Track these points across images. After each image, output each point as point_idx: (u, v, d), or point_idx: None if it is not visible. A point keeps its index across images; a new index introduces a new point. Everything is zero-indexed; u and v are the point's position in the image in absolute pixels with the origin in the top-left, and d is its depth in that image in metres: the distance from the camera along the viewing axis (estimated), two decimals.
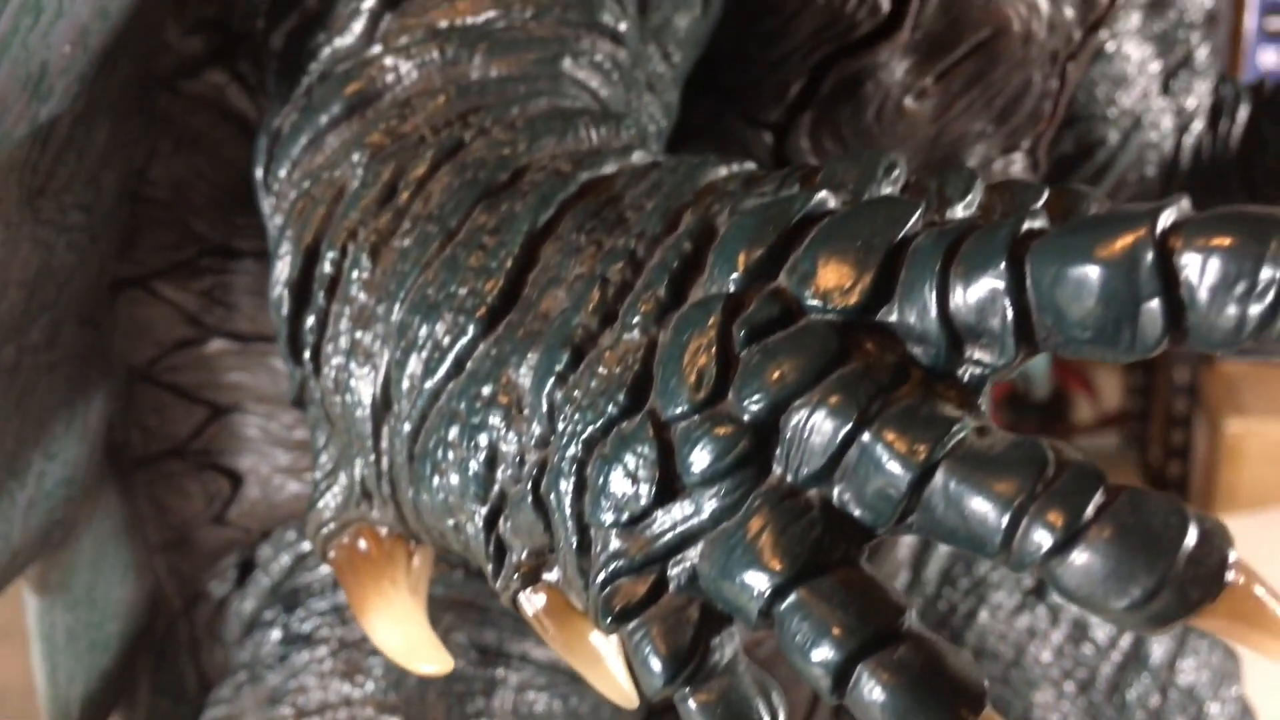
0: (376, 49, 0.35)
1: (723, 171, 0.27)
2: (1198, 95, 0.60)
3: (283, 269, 0.32)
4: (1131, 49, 0.58)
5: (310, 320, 0.31)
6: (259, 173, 0.37)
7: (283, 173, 0.34)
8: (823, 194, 0.23)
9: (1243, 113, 0.60)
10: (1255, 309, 0.18)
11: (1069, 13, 0.43)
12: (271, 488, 0.49)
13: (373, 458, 0.29)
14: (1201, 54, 0.59)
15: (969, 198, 0.24)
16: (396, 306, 0.28)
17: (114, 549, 0.51)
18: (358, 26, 0.35)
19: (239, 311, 0.46)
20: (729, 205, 0.25)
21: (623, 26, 0.35)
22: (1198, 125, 0.60)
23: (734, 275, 0.23)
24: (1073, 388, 2.26)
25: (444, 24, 0.34)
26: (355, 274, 0.30)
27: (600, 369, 0.24)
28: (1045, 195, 0.23)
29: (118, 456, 0.49)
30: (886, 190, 0.24)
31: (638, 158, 0.29)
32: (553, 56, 0.33)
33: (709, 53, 0.41)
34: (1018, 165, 0.47)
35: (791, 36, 0.41)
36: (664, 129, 0.38)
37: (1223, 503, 1.81)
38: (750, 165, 0.28)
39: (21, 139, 0.36)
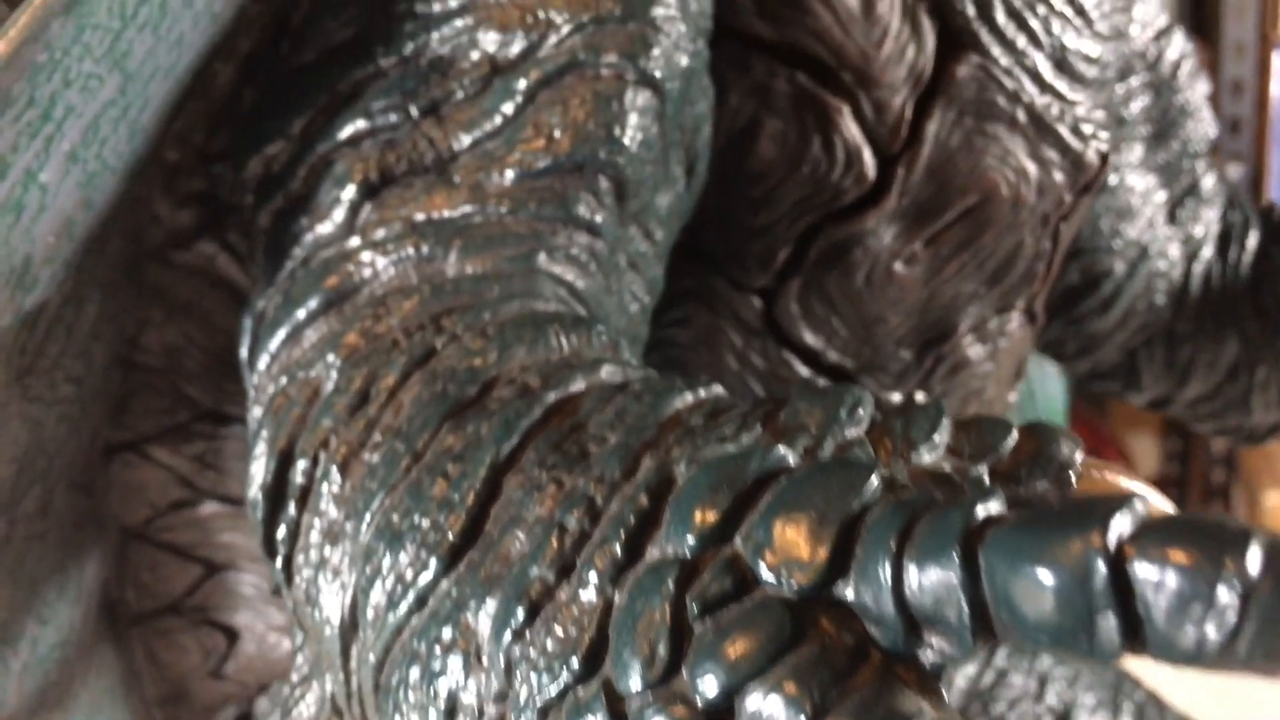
0: (355, 241, 0.35)
1: (689, 399, 0.27)
2: (1205, 222, 0.59)
3: (258, 471, 0.32)
4: (1135, 181, 0.57)
5: (282, 530, 0.31)
6: (244, 352, 0.37)
7: (262, 364, 0.35)
8: (780, 451, 0.23)
9: (1252, 239, 0.59)
10: (1214, 633, 0.17)
11: (1059, 176, 0.43)
12: (268, 645, 0.49)
13: (342, 676, 0.29)
14: (1207, 182, 0.59)
15: (935, 439, 0.23)
16: (364, 528, 0.28)
17: (111, 705, 0.50)
18: (338, 215, 0.35)
19: (230, 476, 0.46)
20: (688, 450, 0.24)
21: (599, 218, 0.35)
22: (1206, 252, 0.59)
23: (689, 538, 0.22)
24: (1106, 456, 2.23)
25: (420, 217, 0.34)
26: (326, 487, 0.30)
27: (556, 628, 0.23)
28: (1013, 437, 0.23)
29: (113, 614, 0.49)
30: (851, 432, 0.24)
31: (607, 373, 0.29)
32: (528, 253, 0.33)
33: (694, 218, 0.41)
34: (1014, 323, 0.47)
35: (777, 204, 0.41)
36: (648, 305, 0.38)
37: None
38: (716, 390, 0.27)
39: (6, 329, 0.37)
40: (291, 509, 0.31)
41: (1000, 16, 0.41)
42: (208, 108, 0.41)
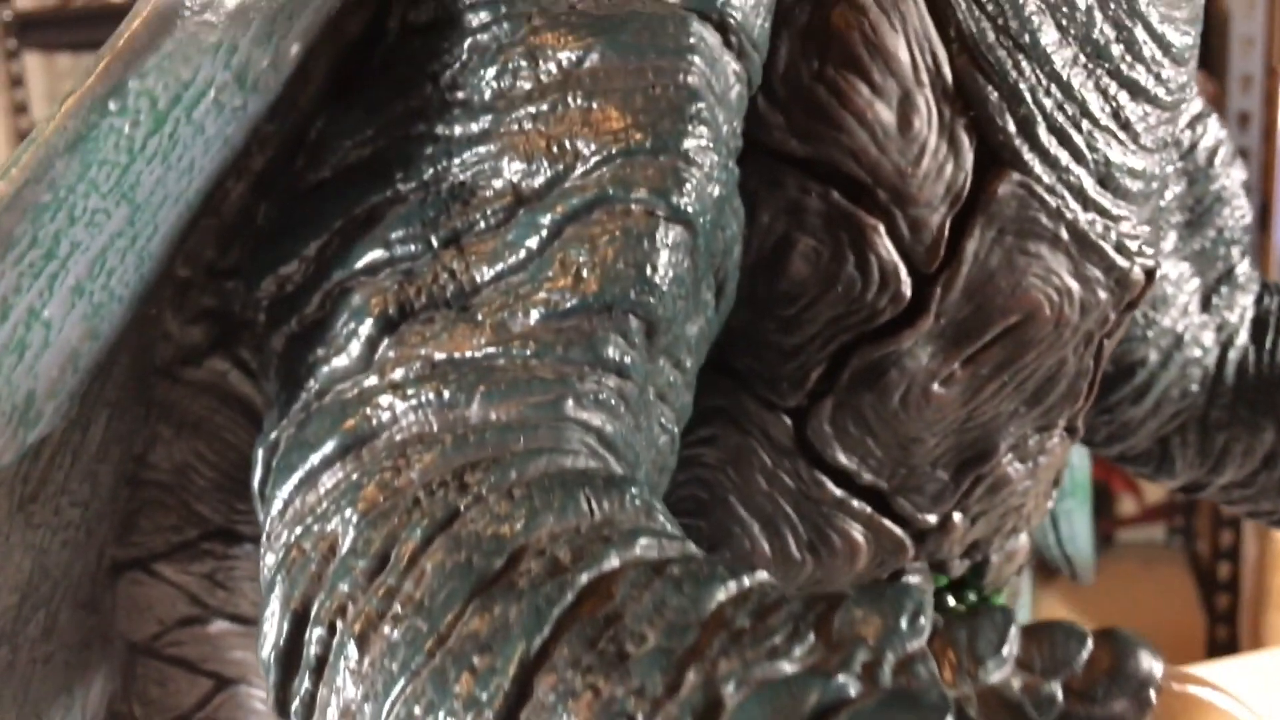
0: (373, 380, 0.33)
1: (732, 589, 0.25)
2: (1240, 308, 0.57)
3: (270, 631, 0.31)
4: (1169, 268, 0.55)
5: (297, 701, 0.29)
6: (255, 484, 0.35)
7: (275, 507, 0.33)
8: (839, 681, 0.21)
9: None
10: None
11: (1103, 294, 0.41)
12: None
13: None
14: (1242, 267, 0.57)
15: (1003, 652, 0.22)
16: (384, 715, 0.27)
17: None
18: (355, 349, 0.34)
19: (241, 595, 0.44)
20: (737, 666, 0.23)
21: (628, 359, 0.33)
22: (1241, 339, 0.57)
23: None
24: (1116, 487, 2.22)
25: (441, 356, 0.33)
26: (343, 662, 0.28)
27: None
28: (1088, 648, 0.21)
29: None
30: (913, 644, 0.22)
31: (643, 547, 0.27)
32: (554, 400, 0.32)
33: (723, 335, 0.39)
34: (1055, 439, 0.45)
35: (810, 323, 0.39)
36: (676, 435, 0.37)
37: (1276, 606, 1.76)
38: (760, 579, 0.26)
39: (8, 464, 0.35)
40: (307, 680, 0.29)
41: (1043, 133, 0.40)
42: (219, 224, 0.39)
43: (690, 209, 0.34)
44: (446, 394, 0.32)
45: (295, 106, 0.37)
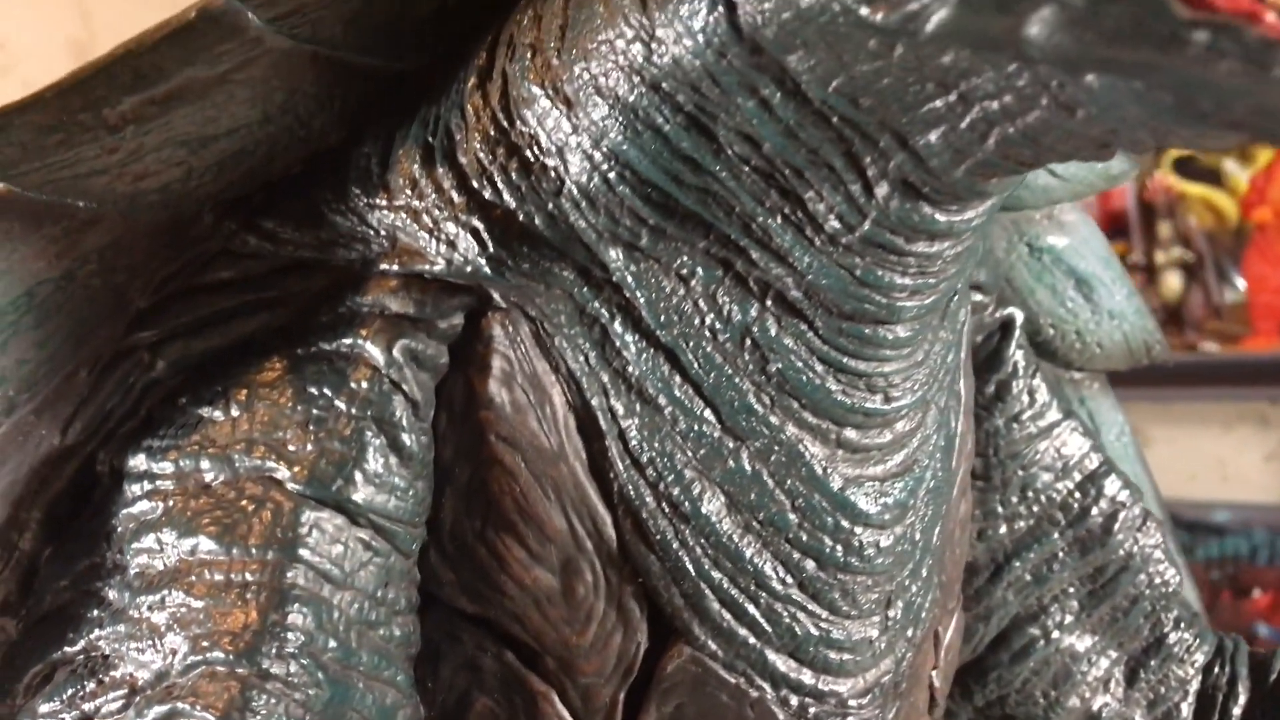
0: None
1: None
2: (1177, 682, 0.49)
3: None
4: (1070, 640, 0.49)
5: None
6: None
7: None
8: None
9: (1240, 701, 0.48)
10: None
11: None
12: None
13: None
14: (1175, 636, 0.50)
15: None
16: None
17: None
18: None
19: None
20: None
21: None
22: (1183, 716, 0.49)
23: None
24: None
25: None
26: None
27: None
28: None
29: None
30: None
31: None
32: None
33: None
34: None
35: None
36: None
37: None
38: None
39: None
40: None
41: (714, 606, 0.37)
42: None
43: None
44: None
45: (16, 548, 0.38)
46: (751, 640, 0.37)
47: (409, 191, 0.37)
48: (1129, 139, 0.29)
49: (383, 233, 0.37)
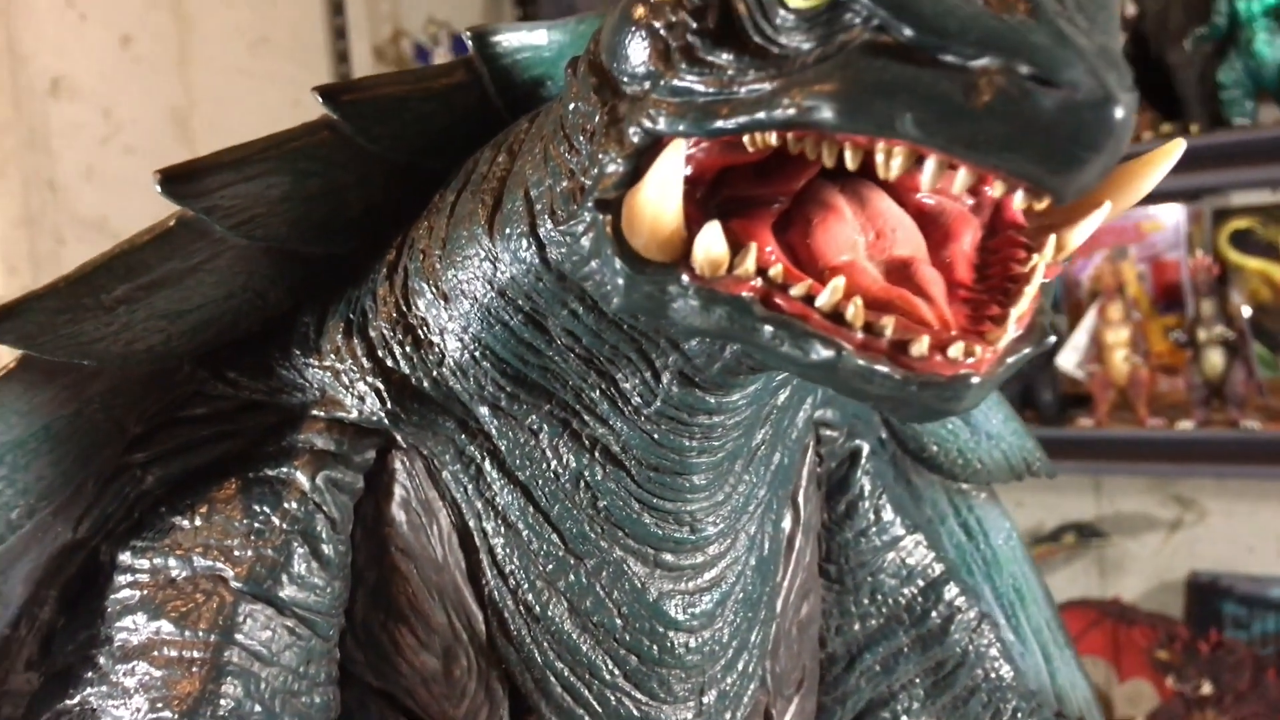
0: None
1: None
2: None
3: None
4: None
5: None
6: None
7: None
8: None
9: None
10: None
11: None
12: None
13: None
14: None
15: None
16: None
17: None
18: None
19: None
20: None
21: None
22: None
23: None
24: None
25: None
26: None
27: None
28: None
29: None
30: None
31: None
32: None
33: None
34: None
35: None
36: None
37: None
38: None
39: None
40: None
41: (557, 690, 0.47)
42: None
43: None
44: None
45: (38, 618, 0.48)
46: (586, 718, 0.47)
47: (334, 355, 0.48)
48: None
49: (315, 385, 0.48)
